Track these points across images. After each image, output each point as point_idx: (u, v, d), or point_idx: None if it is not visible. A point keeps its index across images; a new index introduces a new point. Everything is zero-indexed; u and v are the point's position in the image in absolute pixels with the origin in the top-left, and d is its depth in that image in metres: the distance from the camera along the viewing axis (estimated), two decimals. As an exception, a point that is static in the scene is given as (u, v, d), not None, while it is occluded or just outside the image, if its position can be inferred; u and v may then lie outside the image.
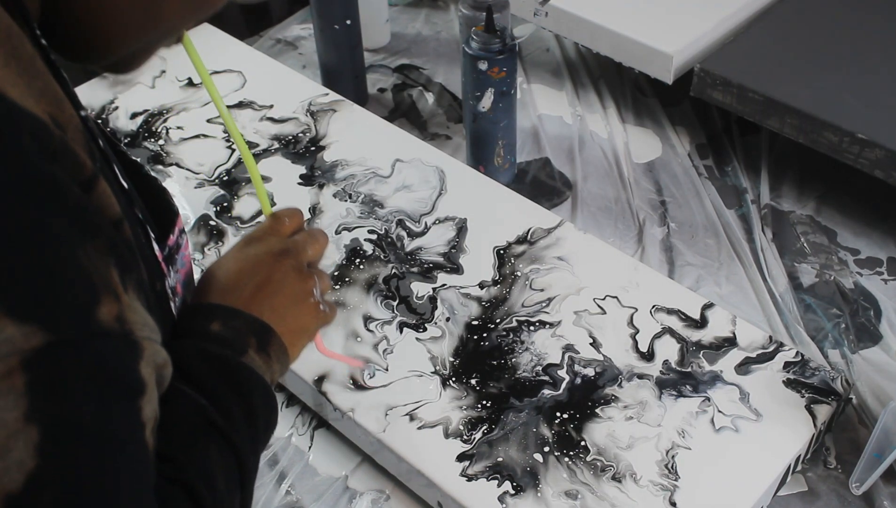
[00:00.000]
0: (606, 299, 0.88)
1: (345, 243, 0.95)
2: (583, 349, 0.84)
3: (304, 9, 1.39)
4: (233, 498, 0.49)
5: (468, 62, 1.01)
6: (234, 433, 0.51)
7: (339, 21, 1.14)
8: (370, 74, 1.26)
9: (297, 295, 0.61)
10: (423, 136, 1.16)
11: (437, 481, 0.75)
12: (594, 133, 1.16)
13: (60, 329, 0.35)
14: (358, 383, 0.82)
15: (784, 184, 1.08)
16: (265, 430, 0.56)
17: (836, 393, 0.80)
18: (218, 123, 1.10)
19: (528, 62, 1.28)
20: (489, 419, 0.79)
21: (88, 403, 0.36)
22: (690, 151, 1.13)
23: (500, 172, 1.07)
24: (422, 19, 1.38)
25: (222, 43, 1.24)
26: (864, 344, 0.90)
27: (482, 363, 0.83)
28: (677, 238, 1.02)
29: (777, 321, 0.92)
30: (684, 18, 1.10)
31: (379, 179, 1.02)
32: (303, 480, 0.81)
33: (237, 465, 0.50)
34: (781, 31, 1.10)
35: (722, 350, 0.84)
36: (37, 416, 0.34)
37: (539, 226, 0.96)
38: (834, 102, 0.98)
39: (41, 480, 0.34)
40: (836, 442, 0.83)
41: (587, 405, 0.80)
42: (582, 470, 0.75)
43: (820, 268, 0.98)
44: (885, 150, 0.93)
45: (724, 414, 0.79)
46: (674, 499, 0.73)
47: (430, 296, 0.89)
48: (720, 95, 1.03)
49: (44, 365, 0.34)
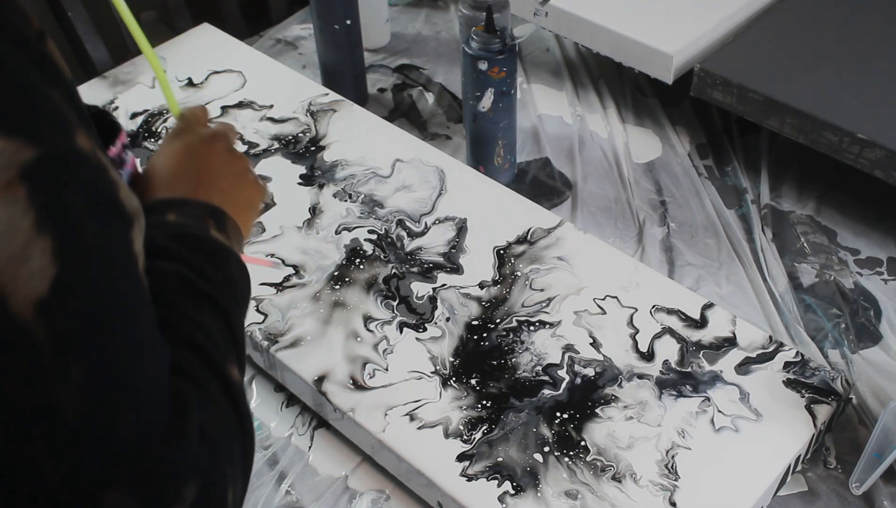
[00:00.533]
0: (606, 299, 0.88)
1: (345, 243, 0.95)
2: (583, 349, 0.84)
3: (304, 9, 1.39)
4: (229, 355, 0.50)
5: (468, 62, 1.01)
6: (219, 296, 0.51)
7: (339, 21, 1.14)
8: (370, 74, 1.26)
9: (238, 174, 0.64)
10: (423, 136, 1.16)
11: (437, 481, 0.75)
12: (594, 133, 1.16)
13: (47, 143, 0.36)
14: (358, 383, 0.82)
15: (784, 184, 1.08)
16: (244, 298, 0.56)
17: (836, 393, 0.80)
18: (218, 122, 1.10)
19: (528, 62, 1.28)
20: (489, 419, 0.79)
21: (87, 218, 0.37)
22: (690, 151, 1.13)
23: (500, 172, 1.07)
24: (422, 19, 1.38)
25: (222, 43, 1.24)
26: (864, 344, 0.90)
27: (482, 363, 0.83)
28: (677, 238, 1.02)
29: (777, 320, 0.92)
30: (684, 18, 1.10)
31: (379, 179, 1.02)
32: (303, 480, 0.82)
33: (227, 326, 0.51)
34: (781, 31, 1.10)
35: (722, 350, 0.84)
36: (47, 225, 0.35)
37: (539, 226, 0.96)
38: (834, 102, 0.98)
39: (64, 286, 0.35)
40: (836, 442, 0.83)
41: (587, 405, 0.80)
42: (582, 470, 0.75)
43: (820, 268, 0.98)
44: (885, 150, 0.93)
45: (724, 414, 0.79)
46: (674, 499, 0.73)
47: (430, 296, 0.89)
48: (720, 95, 1.03)
49: (39, 178, 0.35)
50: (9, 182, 0.34)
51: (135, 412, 0.38)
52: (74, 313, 0.36)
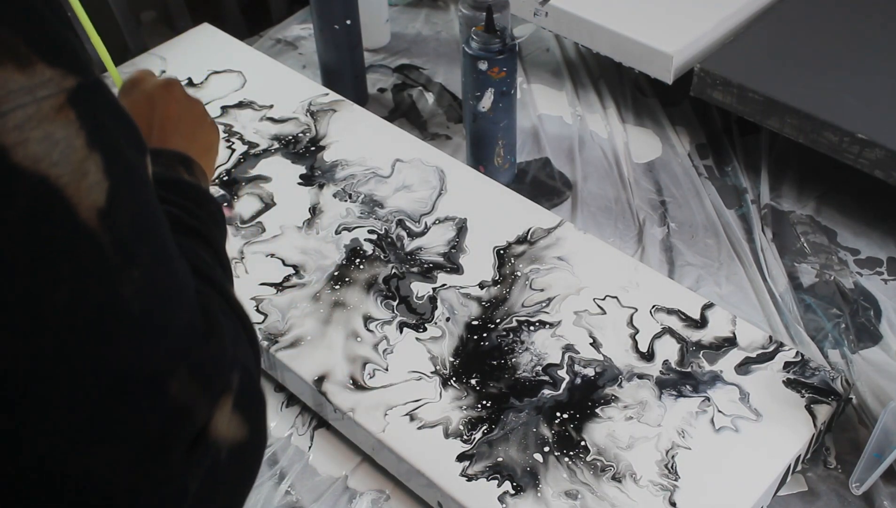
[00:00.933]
0: (606, 299, 0.88)
1: (345, 243, 0.95)
2: (583, 349, 0.84)
3: (304, 9, 1.39)
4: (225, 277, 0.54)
5: (468, 62, 1.01)
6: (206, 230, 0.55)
7: (339, 21, 1.14)
8: (370, 74, 1.26)
9: (196, 118, 0.68)
10: (423, 136, 1.16)
11: (437, 481, 0.75)
12: (594, 133, 1.16)
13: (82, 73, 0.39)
14: (358, 383, 0.82)
15: (784, 184, 1.08)
16: (223, 235, 0.60)
17: (836, 393, 0.80)
18: (218, 122, 1.10)
19: (528, 62, 1.28)
20: (489, 419, 0.79)
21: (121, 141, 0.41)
22: (690, 151, 1.13)
23: (500, 172, 1.07)
24: (422, 19, 1.38)
25: (222, 43, 1.24)
26: (864, 344, 0.90)
27: (482, 363, 0.83)
28: (677, 238, 1.02)
29: (777, 321, 0.92)
30: (684, 18, 1.10)
31: (379, 179, 1.02)
32: (303, 480, 0.81)
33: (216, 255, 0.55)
34: (781, 31, 1.10)
35: (722, 350, 0.84)
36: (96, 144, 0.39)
37: (539, 226, 0.96)
38: (834, 102, 0.98)
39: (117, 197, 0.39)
40: (836, 442, 0.83)
41: (587, 405, 0.80)
42: (582, 470, 0.75)
43: (820, 268, 0.98)
44: (885, 150, 0.93)
45: (724, 414, 0.79)
46: (674, 499, 0.73)
47: (430, 296, 0.89)
48: (720, 95, 1.03)
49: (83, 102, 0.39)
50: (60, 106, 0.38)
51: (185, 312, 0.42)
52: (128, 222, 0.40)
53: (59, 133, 0.37)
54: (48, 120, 0.37)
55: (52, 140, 0.37)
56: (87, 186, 0.38)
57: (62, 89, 0.38)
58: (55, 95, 0.37)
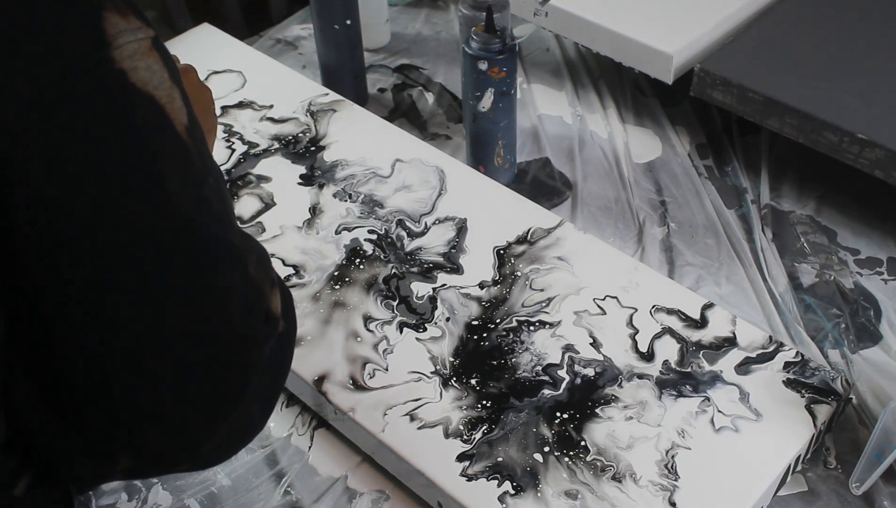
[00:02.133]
0: (606, 300, 0.88)
1: (345, 243, 0.95)
2: (583, 349, 0.84)
3: (304, 9, 1.39)
4: None
5: (468, 62, 1.01)
6: None
7: (339, 21, 1.14)
8: (370, 74, 1.26)
9: (205, 104, 0.75)
10: (423, 136, 1.16)
11: (437, 481, 0.75)
12: (594, 133, 1.16)
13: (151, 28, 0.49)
14: (358, 383, 0.82)
15: (784, 184, 1.08)
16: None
17: (836, 393, 0.80)
18: (218, 122, 1.10)
19: (528, 62, 1.28)
20: (489, 419, 0.79)
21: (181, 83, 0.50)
22: (690, 151, 1.13)
23: (500, 172, 1.07)
24: (422, 19, 1.38)
25: (222, 43, 1.24)
26: (864, 344, 0.90)
27: (482, 363, 0.83)
28: (677, 238, 1.02)
29: (777, 321, 0.92)
30: (684, 18, 1.10)
31: (379, 179, 1.02)
32: (302, 480, 0.81)
33: None
34: (781, 31, 1.10)
35: (722, 350, 0.84)
36: (175, 80, 0.49)
37: (539, 226, 0.96)
38: (834, 102, 0.98)
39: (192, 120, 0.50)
40: (836, 442, 0.83)
41: (587, 405, 0.80)
42: (582, 470, 0.75)
43: (820, 268, 0.98)
44: (885, 150, 0.93)
45: (724, 414, 0.79)
46: (674, 499, 0.73)
47: (430, 296, 0.89)
48: (720, 95, 1.03)
49: (160, 48, 0.48)
50: (150, 47, 0.47)
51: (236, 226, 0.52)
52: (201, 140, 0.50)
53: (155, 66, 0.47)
54: (146, 55, 0.47)
55: (152, 70, 0.47)
56: (177, 107, 0.48)
57: (148, 36, 0.48)
58: (145, 39, 0.47)
